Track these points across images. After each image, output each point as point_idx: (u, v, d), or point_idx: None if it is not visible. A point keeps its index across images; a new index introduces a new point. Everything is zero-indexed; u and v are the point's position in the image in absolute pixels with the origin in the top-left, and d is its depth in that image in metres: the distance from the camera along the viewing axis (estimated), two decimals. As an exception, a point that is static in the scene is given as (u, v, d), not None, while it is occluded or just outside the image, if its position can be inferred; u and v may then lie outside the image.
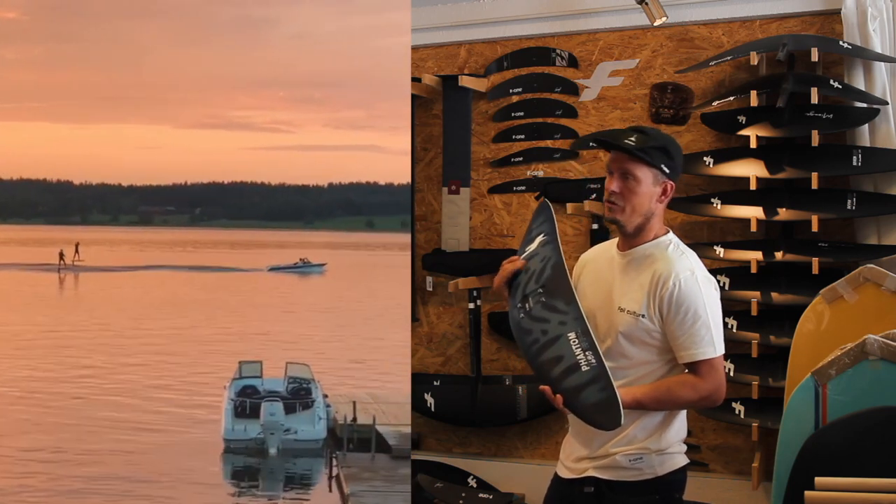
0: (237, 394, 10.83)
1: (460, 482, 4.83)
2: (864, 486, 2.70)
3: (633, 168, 2.90)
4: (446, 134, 4.98)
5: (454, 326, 5.02)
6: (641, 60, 4.63)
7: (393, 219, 48.77)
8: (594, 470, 2.99)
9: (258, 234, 61.19)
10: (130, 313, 20.38)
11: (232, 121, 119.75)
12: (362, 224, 72.64)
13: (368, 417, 10.23)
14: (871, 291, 3.54)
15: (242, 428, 10.33)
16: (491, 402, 4.85)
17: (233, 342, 16.40)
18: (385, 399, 12.19)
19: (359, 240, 55.26)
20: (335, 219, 76.23)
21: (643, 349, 2.92)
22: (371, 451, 9.71)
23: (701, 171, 4.30)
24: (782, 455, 3.21)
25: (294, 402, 10.70)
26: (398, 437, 10.20)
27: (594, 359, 2.81)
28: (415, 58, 5.07)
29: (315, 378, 11.24)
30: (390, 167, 20.02)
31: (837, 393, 3.14)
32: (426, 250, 5.03)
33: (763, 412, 4.14)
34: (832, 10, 4.25)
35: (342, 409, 10.67)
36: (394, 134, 18.15)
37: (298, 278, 32.11)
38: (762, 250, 4.19)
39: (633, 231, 2.97)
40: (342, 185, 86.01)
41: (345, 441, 9.98)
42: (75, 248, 31.41)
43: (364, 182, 56.75)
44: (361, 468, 9.41)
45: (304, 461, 10.19)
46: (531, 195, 4.83)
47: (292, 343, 16.57)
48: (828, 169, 4.09)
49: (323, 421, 10.62)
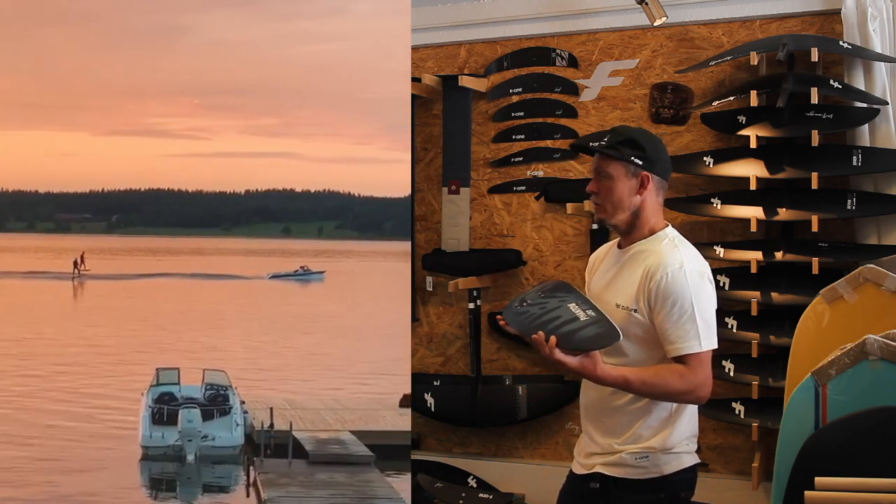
0: (154, 401, 10.86)
1: (460, 482, 4.83)
2: (864, 486, 2.70)
3: (604, 166, 2.99)
4: (446, 134, 4.98)
5: (454, 326, 5.02)
6: (641, 60, 4.63)
7: (310, 225, 49.08)
8: (601, 466, 3.02)
9: (175, 241, 61.25)
10: (46, 322, 20.46)
11: (148, 128, 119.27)
12: (278, 231, 72.84)
13: (285, 423, 10.25)
14: (871, 291, 3.54)
15: (160, 435, 10.38)
16: (491, 402, 4.85)
17: (148, 352, 16.46)
18: (301, 405, 12.26)
19: (274, 246, 55.38)
20: (252, 225, 76.54)
21: (638, 345, 2.93)
22: (288, 457, 9.74)
23: (701, 171, 4.30)
24: (782, 455, 3.21)
25: (211, 409, 10.75)
26: (315, 443, 10.26)
27: (594, 312, 2.83)
28: (415, 58, 5.07)
29: (232, 384, 11.30)
30: (306, 174, 19.74)
31: (837, 393, 3.14)
32: (426, 250, 5.02)
33: (763, 412, 4.14)
34: (832, 10, 4.25)
35: (259, 416, 10.69)
36: (308, 140, 17.84)
37: (202, 283, 32.39)
38: (762, 250, 4.19)
39: (626, 228, 3.01)
40: (259, 191, 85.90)
41: (262, 447, 10.01)
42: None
43: (280, 189, 57.13)
44: (278, 474, 9.46)
45: (221, 467, 10.22)
46: (531, 195, 4.83)
47: (212, 351, 16.72)
48: (828, 169, 4.09)
49: (240, 427, 10.69)
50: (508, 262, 4.83)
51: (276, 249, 54.90)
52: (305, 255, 44.32)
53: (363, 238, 72.94)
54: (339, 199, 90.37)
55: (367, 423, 11.35)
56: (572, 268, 4.75)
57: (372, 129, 63.73)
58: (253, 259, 46.88)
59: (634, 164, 2.95)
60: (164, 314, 22.99)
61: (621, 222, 3.00)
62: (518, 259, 4.82)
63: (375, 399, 12.94)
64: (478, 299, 4.89)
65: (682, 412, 2.97)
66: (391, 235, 63.09)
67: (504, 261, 4.84)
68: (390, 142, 53.09)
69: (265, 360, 16.46)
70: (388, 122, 54.19)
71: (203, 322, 21.72)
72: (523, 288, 4.82)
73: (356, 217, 78.92)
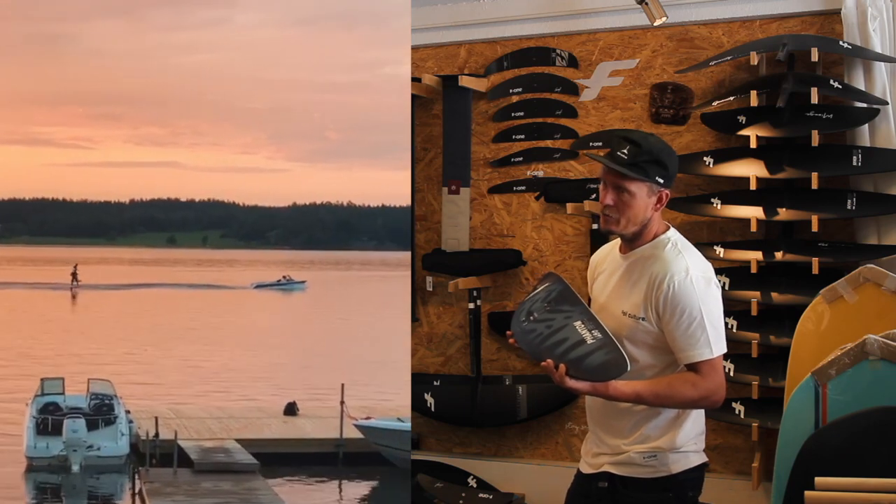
0: (39, 411, 10.80)
1: (460, 482, 4.83)
2: (864, 486, 2.70)
3: (626, 184, 2.89)
4: (446, 134, 4.98)
5: (454, 326, 5.02)
6: (641, 60, 4.63)
7: (195, 234, 49.42)
8: (609, 465, 3.02)
9: (60, 250, 60.79)
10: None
11: (31, 137, 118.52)
12: (163, 240, 72.72)
13: (170, 433, 10.27)
14: (871, 291, 3.54)
15: (45, 445, 10.35)
16: (491, 402, 4.85)
17: (33, 362, 16.42)
18: (186, 414, 12.30)
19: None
20: (137, 235, 76.44)
21: (647, 352, 2.93)
22: (173, 466, 9.76)
23: (701, 171, 4.29)
24: (782, 455, 3.21)
25: (97, 419, 10.74)
26: (200, 452, 10.30)
27: (600, 334, 2.82)
28: (415, 58, 5.06)
29: (117, 394, 11.31)
30: (191, 183, 19.52)
31: (837, 393, 3.14)
32: (426, 250, 5.02)
33: (763, 412, 4.14)
34: (832, 10, 4.25)
35: (144, 425, 10.71)
36: (192, 150, 17.62)
37: (87, 293, 32.39)
38: (762, 250, 4.19)
39: (632, 237, 2.98)
40: (144, 201, 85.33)
41: (147, 456, 10.02)
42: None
43: (165, 198, 57.13)
44: (164, 483, 9.51)
45: (107, 477, 10.22)
46: (531, 195, 4.83)
47: (96, 360, 16.72)
48: (828, 169, 4.09)
49: (126, 437, 10.70)
50: (508, 262, 4.83)
51: (162, 259, 54.55)
52: (189, 263, 44.29)
53: (247, 247, 72.46)
54: (224, 209, 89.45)
55: (252, 432, 11.44)
56: (572, 268, 4.75)
57: (254, 139, 64.21)
58: (138, 268, 46.68)
59: (657, 183, 2.90)
60: (48, 324, 22.99)
61: (629, 233, 2.96)
62: (518, 259, 4.82)
63: (259, 407, 12.99)
64: (478, 299, 4.89)
65: (689, 412, 2.97)
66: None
67: (504, 261, 4.84)
68: (273, 151, 53.02)
69: (151, 370, 16.47)
70: (271, 132, 54.25)
71: (87, 332, 21.76)
72: (523, 288, 4.82)
73: (241, 226, 78.36)
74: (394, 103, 16.99)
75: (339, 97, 31.03)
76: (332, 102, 32.75)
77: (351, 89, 29.86)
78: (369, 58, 29.20)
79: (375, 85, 27.01)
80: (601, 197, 2.95)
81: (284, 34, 26.89)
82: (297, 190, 46.52)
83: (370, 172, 30.08)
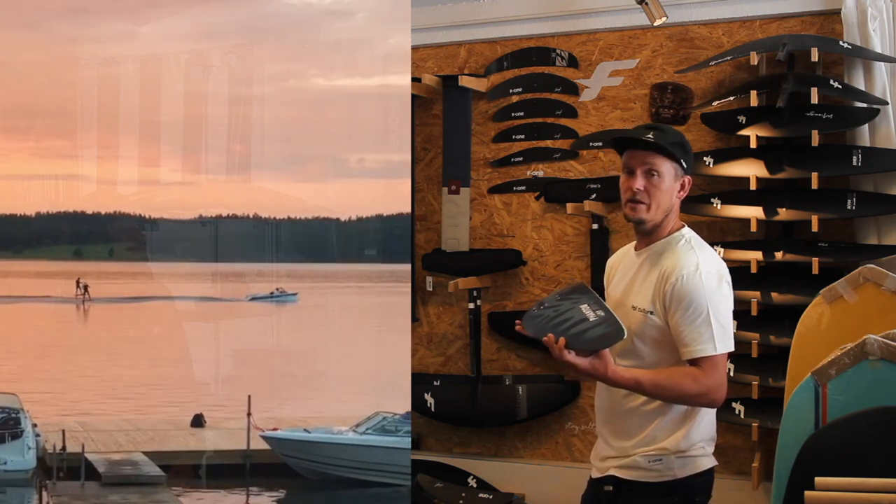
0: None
1: (460, 482, 4.82)
2: (864, 486, 2.70)
3: (657, 164, 2.90)
4: (446, 134, 4.98)
5: (454, 326, 5.02)
6: (641, 60, 4.63)
7: (101, 247, 50.71)
8: (615, 469, 3.00)
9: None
10: None
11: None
12: (70, 253, 73.12)
13: (78, 446, 10.31)
14: (871, 291, 3.54)
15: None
16: (491, 402, 4.85)
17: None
18: (94, 427, 12.28)
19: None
20: (44, 247, 77.14)
21: (655, 348, 2.91)
22: (81, 479, 9.80)
23: (701, 171, 4.29)
24: (782, 455, 3.20)
25: (3, 433, 10.67)
26: (107, 464, 10.32)
27: (603, 312, 2.81)
28: (415, 58, 5.06)
29: (24, 408, 11.28)
30: (97, 196, 19.70)
31: (837, 393, 3.13)
32: (426, 250, 5.02)
33: (763, 412, 4.14)
34: (832, 10, 4.25)
35: (51, 438, 10.74)
36: (98, 163, 17.59)
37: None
38: (762, 250, 4.19)
39: (653, 228, 2.96)
40: (49, 214, 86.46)
41: (55, 470, 10.03)
42: None
43: (71, 211, 57.52)
44: (71, 496, 9.47)
45: (13, 491, 10.16)
46: (531, 195, 4.83)
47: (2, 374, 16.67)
48: (828, 169, 4.09)
49: (32, 451, 10.64)
50: (508, 262, 4.83)
51: (68, 271, 54.67)
52: (90, 276, 44.33)
53: (154, 259, 73.62)
54: (130, 221, 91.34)
55: (159, 444, 11.45)
56: (572, 268, 4.75)
57: (160, 152, 64.98)
58: (44, 281, 46.71)
59: (682, 167, 2.92)
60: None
61: (654, 223, 2.95)
62: (518, 259, 4.82)
63: (166, 419, 12.98)
64: (478, 299, 4.89)
65: (698, 414, 2.94)
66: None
67: (504, 261, 4.84)
68: (179, 163, 53.75)
69: (57, 383, 16.44)
70: (178, 145, 55.16)
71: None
72: (523, 288, 4.83)
73: (148, 238, 78.87)
74: (297, 115, 16.75)
75: (244, 109, 31.50)
76: (238, 115, 33.27)
77: (256, 102, 30.35)
78: (277, 70, 29.55)
79: (281, 97, 26.92)
80: (627, 186, 2.94)
81: (193, 47, 27.11)
82: (202, 202, 46.78)
83: (275, 185, 30.45)
